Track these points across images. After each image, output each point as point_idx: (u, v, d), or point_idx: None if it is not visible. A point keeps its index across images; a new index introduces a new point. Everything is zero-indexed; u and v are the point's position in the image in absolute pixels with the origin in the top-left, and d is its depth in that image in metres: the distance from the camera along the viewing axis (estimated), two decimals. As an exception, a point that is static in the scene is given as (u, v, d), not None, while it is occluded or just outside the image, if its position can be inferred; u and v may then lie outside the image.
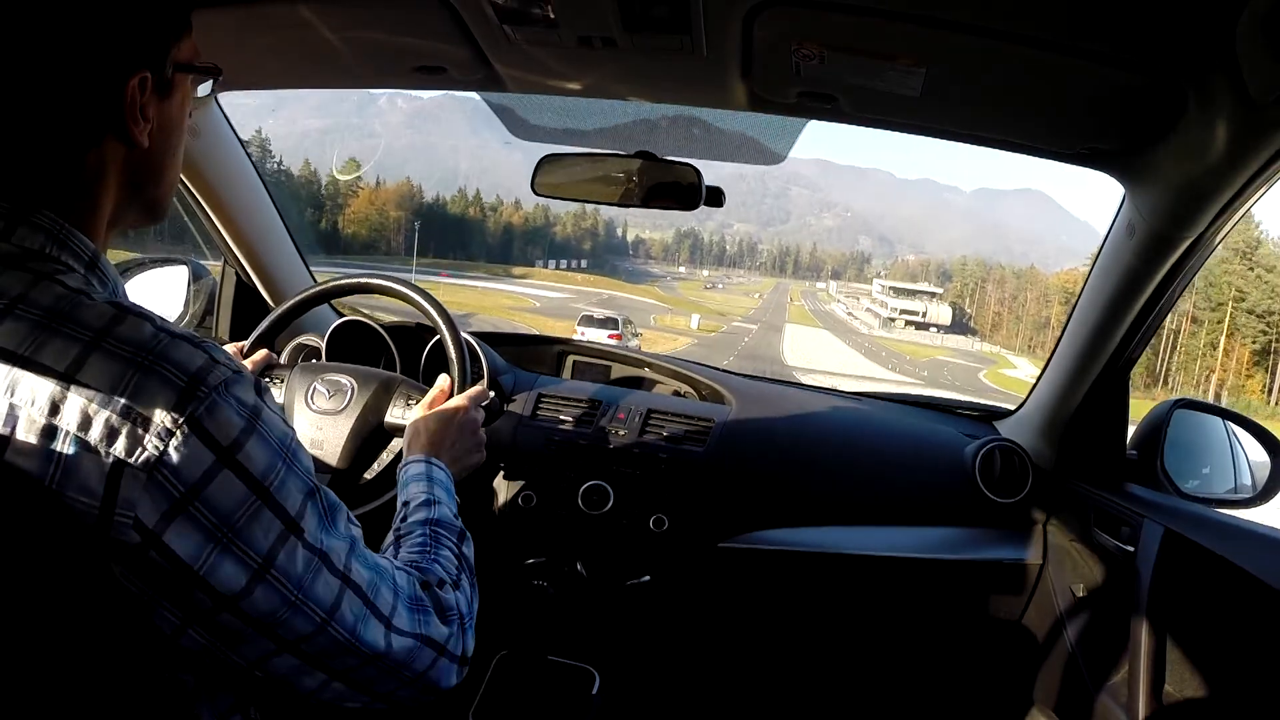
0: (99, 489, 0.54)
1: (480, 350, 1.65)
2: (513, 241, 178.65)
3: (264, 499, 0.60)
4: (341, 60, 1.25)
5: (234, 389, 0.59)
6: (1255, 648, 1.15)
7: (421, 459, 0.99)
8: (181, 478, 0.56)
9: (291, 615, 0.61)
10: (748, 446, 1.69)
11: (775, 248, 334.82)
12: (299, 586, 0.62)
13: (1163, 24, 0.84)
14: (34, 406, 0.54)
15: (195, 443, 0.56)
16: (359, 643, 0.65)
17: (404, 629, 0.70)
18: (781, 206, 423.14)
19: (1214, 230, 1.12)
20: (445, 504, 0.92)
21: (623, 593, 1.68)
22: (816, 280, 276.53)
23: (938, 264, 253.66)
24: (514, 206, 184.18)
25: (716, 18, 0.98)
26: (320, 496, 0.66)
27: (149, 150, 0.67)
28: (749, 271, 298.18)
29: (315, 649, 0.64)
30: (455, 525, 0.90)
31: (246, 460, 0.59)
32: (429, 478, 0.95)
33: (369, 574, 0.68)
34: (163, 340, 0.58)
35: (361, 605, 0.66)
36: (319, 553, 0.63)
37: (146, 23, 0.64)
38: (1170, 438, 1.45)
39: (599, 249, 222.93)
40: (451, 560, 0.83)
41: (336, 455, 1.28)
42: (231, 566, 0.58)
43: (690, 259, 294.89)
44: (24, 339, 0.55)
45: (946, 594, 1.67)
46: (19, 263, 0.59)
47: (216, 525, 0.57)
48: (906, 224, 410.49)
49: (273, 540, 0.60)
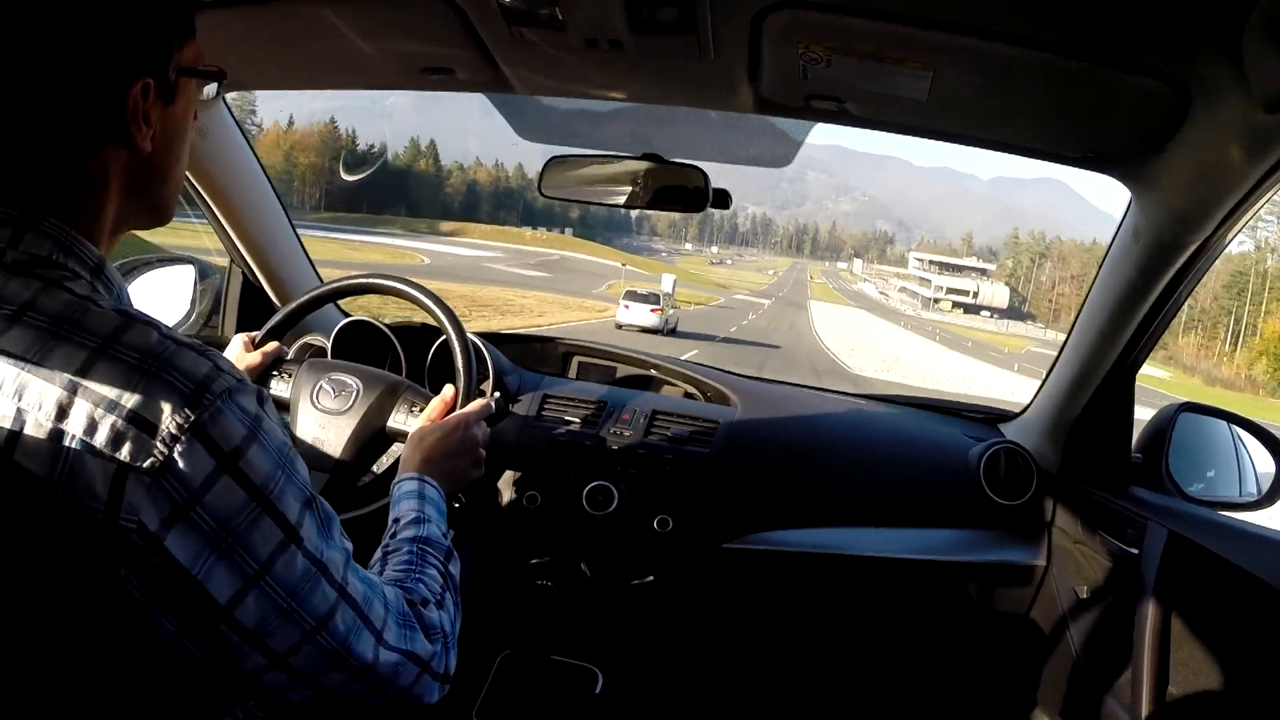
0: (104, 493, 0.55)
1: (486, 351, 1.65)
2: (479, 203, 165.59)
3: (264, 506, 0.60)
4: (349, 61, 1.25)
5: (237, 397, 0.60)
6: (1259, 651, 1.15)
7: (415, 476, 0.99)
8: (184, 483, 0.56)
9: (281, 623, 0.61)
10: (753, 447, 1.69)
11: (791, 225, 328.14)
12: (293, 595, 0.61)
13: (1169, 28, 0.84)
14: (41, 411, 0.55)
15: (198, 449, 0.57)
16: (349, 654, 0.65)
17: (392, 644, 0.70)
18: (797, 190, 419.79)
19: (1220, 234, 1.12)
20: (435, 522, 0.92)
21: (627, 593, 1.68)
22: (837, 260, 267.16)
23: (984, 244, 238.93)
24: (492, 168, 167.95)
25: (724, 20, 0.98)
26: (317, 506, 0.66)
27: (152, 155, 0.66)
28: (763, 251, 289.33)
29: (305, 662, 0.63)
30: (443, 544, 0.89)
31: (248, 468, 0.59)
32: (420, 495, 0.95)
33: (364, 587, 0.69)
34: (169, 347, 0.58)
35: (355, 617, 0.66)
36: (318, 562, 0.64)
37: (148, 27, 0.63)
38: (1175, 441, 1.46)
39: (594, 221, 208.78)
40: (437, 579, 0.83)
41: (337, 456, 1.28)
42: (227, 573, 0.58)
43: (699, 236, 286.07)
44: (32, 345, 0.56)
45: (951, 595, 1.67)
46: (27, 270, 0.59)
47: (216, 531, 0.58)
48: (923, 211, 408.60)
49: (272, 548, 0.60)
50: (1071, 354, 1.49)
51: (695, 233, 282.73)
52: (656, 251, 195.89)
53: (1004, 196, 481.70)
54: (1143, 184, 1.17)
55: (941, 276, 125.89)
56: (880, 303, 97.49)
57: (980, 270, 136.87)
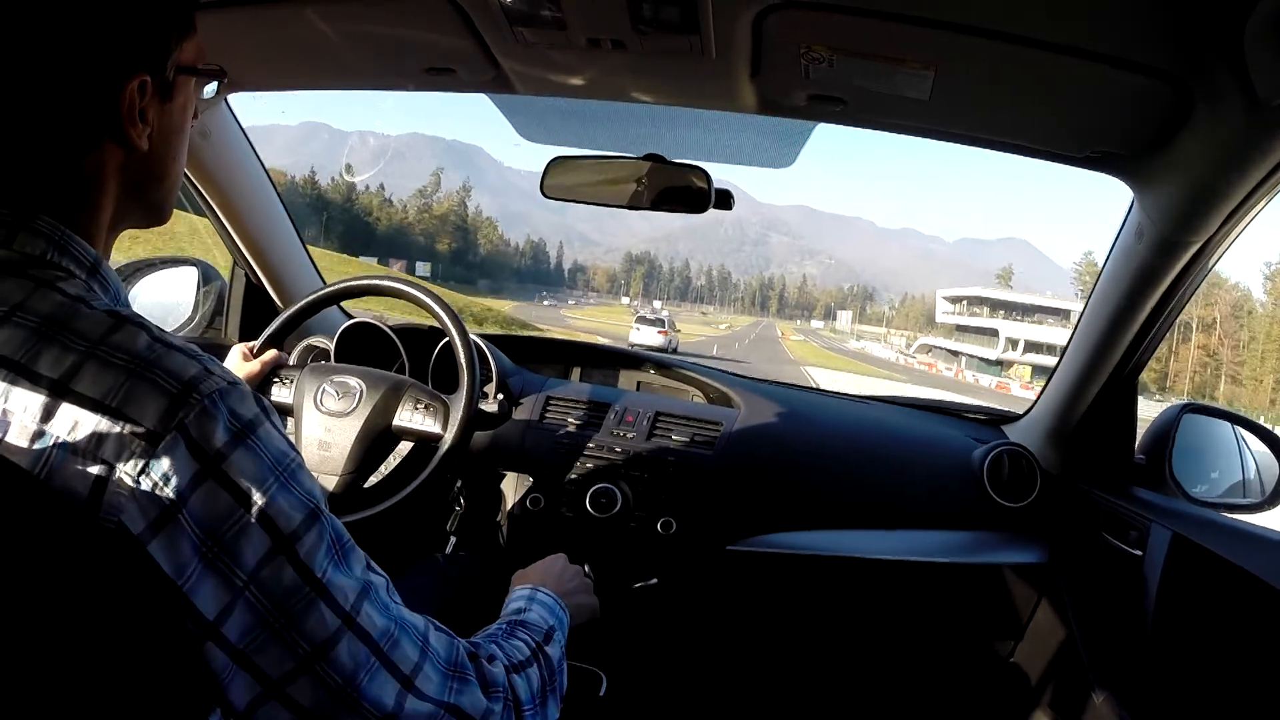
0: (84, 493, 0.53)
1: (489, 353, 1.65)
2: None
3: (252, 513, 0.57)
4: (351, 61, 1.25)
5: (227, 399, 0.58)
6: (1263, 653, 1.15)
7: (527, 588, 0.96)
8: (168, 486, 0.54)
9: (269, 641, 0.57)
10: (756, 449, 1.69)
11: (755, 281, 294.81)
12: (281, 610, 0.57)
13: (1171, 26, 0.84)
14: (26, 413, 0.54)
15: (182, 450, 0.55)
16: (360, 696, 0.60)
17: (428, 694, 0.63)
18: (761, 254, 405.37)
19: (1223, 234, 1.12)
20: (538, 613, 0.88)
21: (630, 595, 1.68)
22: (810, 319, 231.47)
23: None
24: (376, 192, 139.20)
25: (726, 20, 0.98)
26: (327, 525, 0.62)
27: (149, 153, 0.65)
28: (720, 308, 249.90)
29: (307, 697, 0.58)
30: (541, 627, 0.84)
31: (233, 471, 0.56)
32: (530, 598, 0.92)
33: (386, 623, 0.63)
34: (157, 350, 0.57)
35: (368, 654, 0.61)
36: (314, 580, 0.59)
37: (146, 24, 0.63)
38: (1179, 442, 1.45)
39: (512, 271, 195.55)
40: (522, 649, 0.78)
41: (344, 458, 1.28)
42: (214, 586, 0.55)
43: (644, 292, 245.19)
44: (20, 346, 0.55)
45: (954, 597, 1.67)
46: (19, 270, 0.58)
47: (201, 539, 0.55)
48: (892, 273, 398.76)
49: (259, 557, 0.57)
50: (1074, 355, 1.49)
51: (640, 287, 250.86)
52: (563, 301, 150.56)
53: (969, 257, 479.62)
54: (1145, 183, 1.17)
55: (1010, 322, 77.45)
56: (901, 365, 62.19)
57: (1060, 311, 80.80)
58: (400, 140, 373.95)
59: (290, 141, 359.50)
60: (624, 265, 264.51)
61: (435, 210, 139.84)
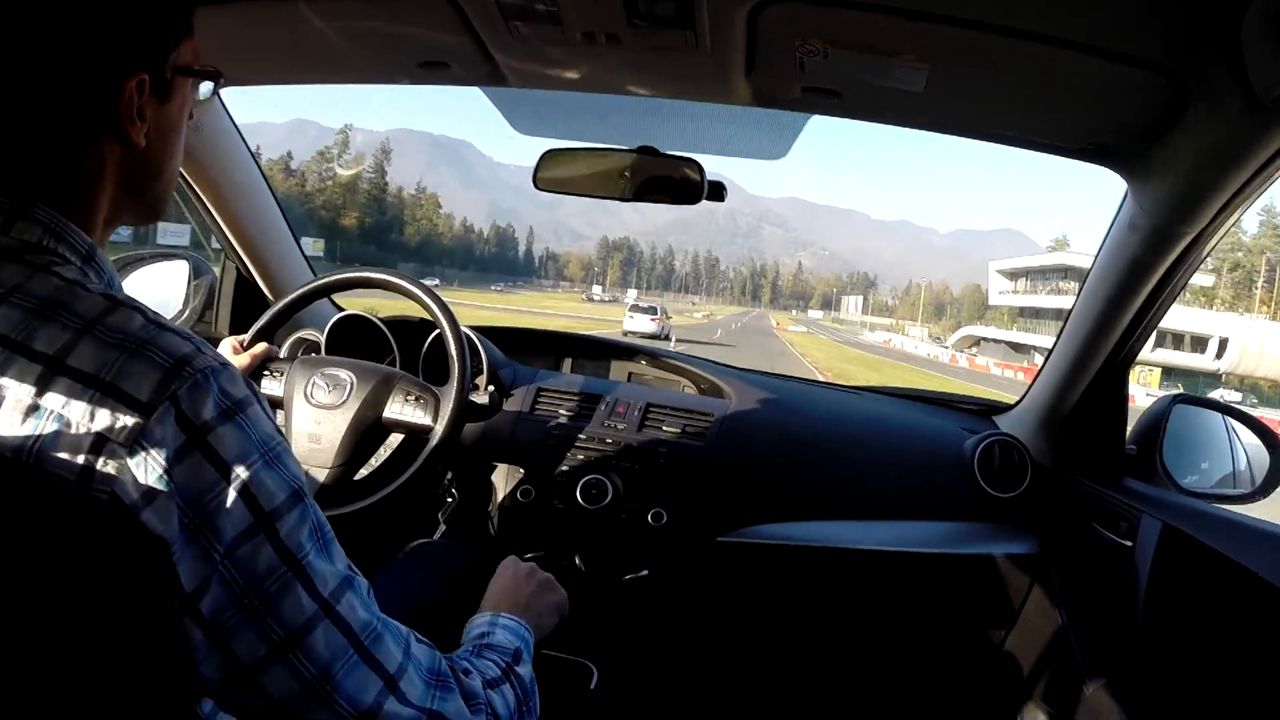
0: (77, 466, 0.54)
1: (480, 344, 1.65)
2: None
3: (234, 486, 0.57)
4: (345, 56, 1.25)
5: (218, 377, 0.59)
6: (1253, 644, 1.16)
7: (486, 615, 0.91)
8: (160, 456, 0.55)
9: (243, 623, 0.57)
10: (747, 440, 1.69)
11: (746, 268, 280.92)
12: (255, 590, 0.57)
13: (1167, 20, 0.84)
14: (21, 387, 0.55)
15: (171, 421, 0.56)
16: (335, 690, 0.60)
17: (411, 700, 0.63)
18: (754, 246, 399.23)
19: (1216, 226, 1.13)
20: (503, 636, 0.86)
21: (621, 587, 1.68)
22: (806, 309, 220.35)
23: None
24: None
25: (721, 13, 0.97)
26: (310, 510, 0.62)
27: (146, 150, 0.67)
28: (707, 298, 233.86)
29: (279, 688, 0.58)
30: (508, 649, 0.83)
31: (218, 444, 0.57)
32: (491, 623, 0.89)
33: (368, 617, 0.63)
34: (152, 330, 0.58)
35: (346, 645, 0.61)
36: (294, 563, 0.59)
37: (145, 24, 0.64)
38: (1169, 433, 1.46)
39: (475, 258, 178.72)
40: (492, 668, 0.77)
41: (334, 450, 1.28)
42: (194, 559, 0.56)
43: (621, 280, 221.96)
44: (17, 325, 0.56)
45: (944, 588, 1.68)
46: (17, 255, 0.60)
47: (184, 508, 0.55)
48: (887, 265, 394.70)
49: (239, 532, 0.57)
50: (1066, 345, 1.50)
51: (618, 276, 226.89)
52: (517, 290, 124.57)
53: (964, 248, 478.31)
54: (1139, 175, 1.18)
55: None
56: (948, 364, 50.67)
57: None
58: (388, 135, 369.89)
59: (276, 139, 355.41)
60: (599, 253, 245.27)
61: (340, 179, 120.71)
